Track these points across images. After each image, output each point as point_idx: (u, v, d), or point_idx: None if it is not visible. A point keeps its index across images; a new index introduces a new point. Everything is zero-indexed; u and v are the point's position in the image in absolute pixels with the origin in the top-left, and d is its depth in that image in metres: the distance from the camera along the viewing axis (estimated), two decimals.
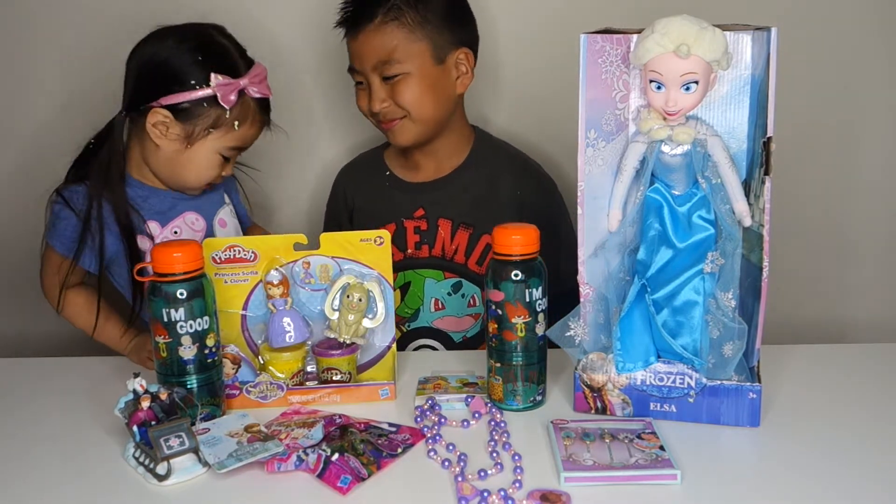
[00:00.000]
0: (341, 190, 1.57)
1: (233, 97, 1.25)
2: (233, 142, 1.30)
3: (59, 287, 1.31)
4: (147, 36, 1.30)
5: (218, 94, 1.24)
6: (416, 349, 1.49)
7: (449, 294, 1.49)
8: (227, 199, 1.42)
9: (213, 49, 1.27)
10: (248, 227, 1.50)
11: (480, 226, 1.46)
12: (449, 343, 1.50)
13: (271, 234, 1.54)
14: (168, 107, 1.25)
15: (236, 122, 1.27)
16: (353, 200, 1.54)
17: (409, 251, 1.49)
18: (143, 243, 1.31)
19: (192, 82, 1.24)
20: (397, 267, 1.46)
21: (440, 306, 1.49)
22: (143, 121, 1.27)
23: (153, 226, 1.32)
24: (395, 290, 1.46)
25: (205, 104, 1.25)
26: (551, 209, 1.52)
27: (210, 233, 1.37)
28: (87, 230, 1.28)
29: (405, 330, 1.50)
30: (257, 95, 1.29)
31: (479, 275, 1.46)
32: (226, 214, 1.40)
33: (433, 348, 1.49)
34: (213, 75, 1.24)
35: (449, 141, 1.49)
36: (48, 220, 1.32)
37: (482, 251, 1.46)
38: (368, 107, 1.42)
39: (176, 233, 1.33)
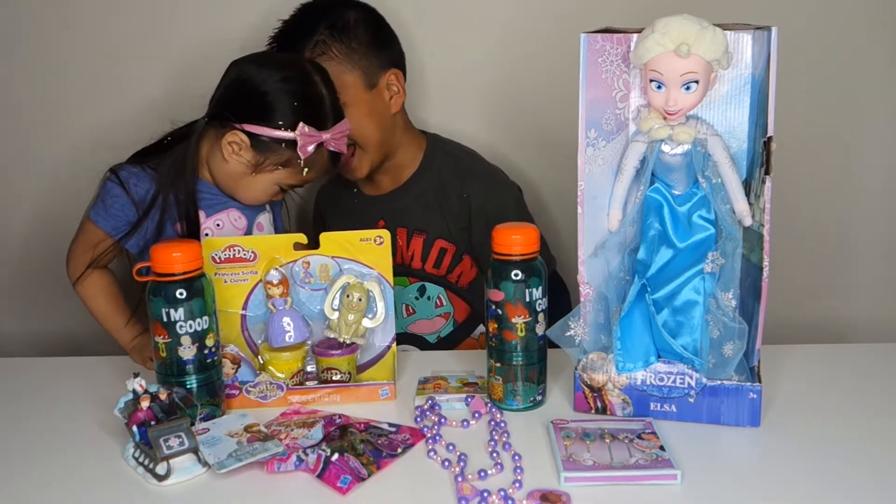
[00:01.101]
0: (318, 210, 1.63)
1: (311, 149, 1.26)
2: (296, 181, 1.32)
3: (89, 263, 1.31)
4: (255, 55, 1.32)
5: (298, 142, 1.25)
6: None
7: (416, 298, 1.52)
8: (267, 208, 1.42)
9: (311, 98, 1.28)
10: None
11: (433, 231, 1.49)
12: (424, 346, 1.51)
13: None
14: (248, 133, 1.26)
15: (306, 169, 1.29)
16: (326, 219, 1.59)
17: None
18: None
19: (280, 123, 1.25)
20: None
21: (411, 311, 1.52)
22: (222, 131, 1.28)
23: (199, 214, 1.33)
24: None
25: (283, 144, 1.26)
26: (506, 211, 1.48)
27: (249, 233, 1.36)
28: (145, 216, 1.29)
29: None
30: (333, 150, 1.30)
31: (439, 276, 1.50)
32: (265, 220, 1.40)
33: None
34: (301, 124, 1.25)
35: (398, 156, 1.52)
36: (97, 196, 1.32)
37: (437, 255, 1.50)
38: None
39: (219, 225, 1.33)
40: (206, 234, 1.32)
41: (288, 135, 1.25)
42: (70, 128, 1.66)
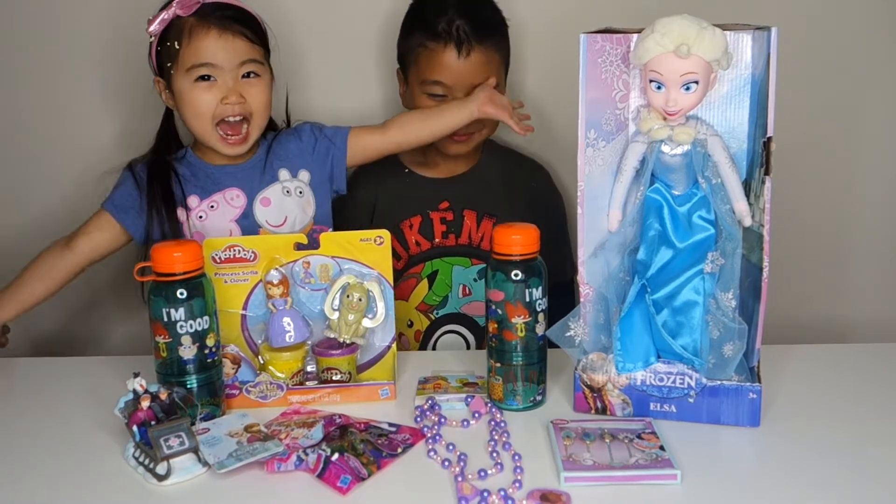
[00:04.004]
0: (361, 191, 1.57)
1: (155, 27, 1.28)
2: (188, 63, 1.28)
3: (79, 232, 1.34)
4: None
5: (151, 33, 1.28)
6: (443, 335, 1.53)
7: (475, 280, 1.53)
8: (284, 176, 1.38)
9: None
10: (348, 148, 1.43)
11: (503, 216, 1.51)
12: (476, 328, 1.53)
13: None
14: (157, 73, 1.33)
15: (176, 43, 1.28)
16: (376, 199, 1.56)
17: (437, 240, 1.53)
18: (180, 214, 1.33)
19: (150, 37, 1.30)
20: (425, 256, 1.53)
21: (468, 292, 1.53)
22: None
23: (192, 199, 1.33)
24: (422, 279, 1.53)
25: (160, 49, 1.30)
26: (559, 203, 1.62)
27: (249, 211, 1.35)
28: (142, 199, 1.32)
29: (434, 318, 1.54)
30: (182, 13, 1.27)
31: None
32: (274, 193, 1.36)
33: (460, 334, 1.53)
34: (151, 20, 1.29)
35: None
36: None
37: None
38: None
39: (213, 207, 1.33)
40: (201, 217, 1.33)
41: (151, 37, 1.29)
42: (79, 129, 1.66)
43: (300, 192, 1.38)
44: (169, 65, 1.29)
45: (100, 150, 1.63)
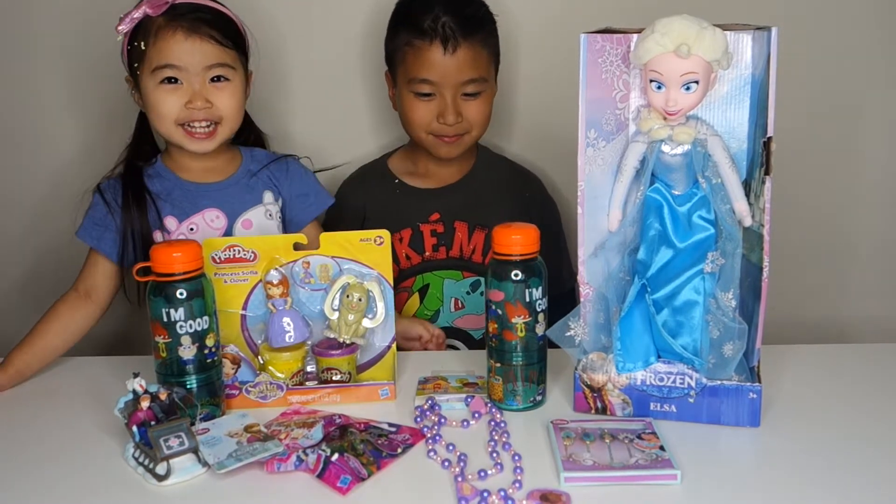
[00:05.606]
0: (350, 201, 1.55)
1: (124, 26, 1.25)
2: (154, 64, 1.25)
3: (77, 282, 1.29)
4: None
5: (119, 31, 1.26)
6: None
7: (468, 293, 1.51)
8: (268, 199, 1.35)
9: None
10: (305, 226, 1.40)
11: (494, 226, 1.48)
12: (470, 341, 1.51)
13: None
14: (129, 72, 1.30)
15: (142, 43, 1.24)
16: (366, 210, 1.53)
17: (427, 253, 1.51)
18: (158, 237, 1.29)
19: (119, 36, 1.28)
20: (415, 270, 1.50)
21: (460, 305, 1.51)
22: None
23: (170, 221, 1.30)
24: (413, 293, 1.50)
25: (129, 49, 1.27)
26: (553, 211, 1.59)
27: (229, 233, 1.32)
28: (115, 219, 1.28)
29: None
30: (151, 13, 1.24)
31: None
32: (256, 216, 1.33)
33: (455, 348, 1.50)
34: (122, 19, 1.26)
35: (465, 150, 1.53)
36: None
37: None
38: (438, 120, 1.43)
39: (192, 230, 1.30)
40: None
41: (120, 36, 1.27)
42: (73, 128, 1.66)
43: (279, 216, 1.36)
44: (136, 65, 1.26)
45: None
